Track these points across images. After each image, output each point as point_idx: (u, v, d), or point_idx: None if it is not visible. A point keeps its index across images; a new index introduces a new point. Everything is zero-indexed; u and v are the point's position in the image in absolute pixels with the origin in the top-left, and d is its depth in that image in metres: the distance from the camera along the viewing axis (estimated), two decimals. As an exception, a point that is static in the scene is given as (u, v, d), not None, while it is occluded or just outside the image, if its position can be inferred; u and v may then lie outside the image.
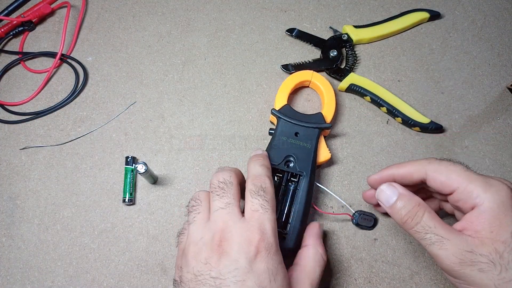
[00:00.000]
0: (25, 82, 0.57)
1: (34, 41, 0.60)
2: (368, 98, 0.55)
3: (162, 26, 0.61)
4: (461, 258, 0.34)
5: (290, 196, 0.46)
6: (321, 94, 0.53)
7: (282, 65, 0.57)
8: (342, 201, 0.48)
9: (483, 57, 0.59)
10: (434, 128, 0.53)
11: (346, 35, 0.58)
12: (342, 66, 0.57)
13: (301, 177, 0.46)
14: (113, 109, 0.55)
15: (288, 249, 0.43)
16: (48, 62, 0.58)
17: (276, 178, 0.47)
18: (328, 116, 0.51)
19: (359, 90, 0.55)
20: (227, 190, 0.38)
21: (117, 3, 0.62)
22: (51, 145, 0.53)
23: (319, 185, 0.48)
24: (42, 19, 0.62)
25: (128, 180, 0.50)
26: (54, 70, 0.58)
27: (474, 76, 0.57)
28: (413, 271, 0.47)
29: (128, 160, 0.50)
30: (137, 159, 0.52)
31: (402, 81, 0.57)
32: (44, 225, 0.49)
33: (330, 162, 0.52)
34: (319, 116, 0.49)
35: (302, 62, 0.57)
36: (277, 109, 0.50)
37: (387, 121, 0.55)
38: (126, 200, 0.49)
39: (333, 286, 0.46)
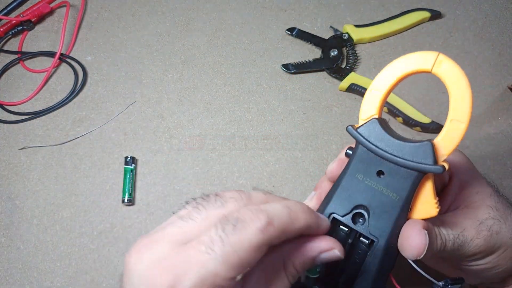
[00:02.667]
0: (24, 81, 0.57)
1: (33, 40, 0.60)
2: (368, 98, 0.54)
3: (162, 25, 0.60)
4: (482, 236, 0.31)
5: (355, 262, 0.30)
6: (450, 95, 0.29)
7: (282, 65, 0.56)
8: (427, 275, 0.30)
9: (484, 57, 0.58)
10: (435, 128, 0.53)
11: (346, 35, 0.58)
12: (343, 66, 0.57)
13: (373, 243, 0.29)
14: (112, 109, 0.55)
15: None
16: (47, 62, 0.58)
17: (342, 230, 0.30)
18: (448, 145, 0.28)
19: (360, 89, 0.54)
20: (210, 205, 0.25)
21: (116, 2, 0.62)
22: (50, 145, 0.53)
23: (413, 264, 0.29)
24: (41, 19, 0.61)
25: (128, 180, 0.50)
26: (53, 69, 0.58)
27: (475, 76, 0.57)
28: (413, 271, 0.47)
29: (128, 160, 0.50)
30: (136, 159, 0.51)
31: (402, 80, 0.56)
32: (43, 226, 0.49)
33: (326, 162, 0.52)
34: (426, 148, 0.28)
35: (303, 62, 0.57)
36: (359, 123, 0.31)
37: (388, 121, 0.54)
38: (126, 200, 0.49)
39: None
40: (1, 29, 0.59)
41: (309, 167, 0.51)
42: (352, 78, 0.55)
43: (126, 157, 0.50)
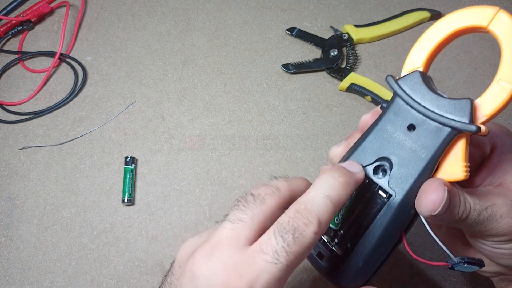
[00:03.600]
0: (24, 81, 0.57)
1: (33, 40, 0.60)
2: (369, 97, 0.54)
3: (162, 25, 0.60)
4: None
5: (369, 216, 0.29)
6: (501, 53, 0.28)
7: (282, 65, 0.56)
8: (444, 247, 0.28)
9: (484, 57, 0.58)
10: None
11: (346, 35, 0.58)
12: (343, 66, 0.57)
13: (390, 198, 0.28)
14: (112, 109, 0.55)
15: (335, 282, 0.30)
16: (47, 62, 0.58)
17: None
18: (489, 107, 0.26)
19: (360, 89, 0.54)
20: (252, 205, 0.27)
21: (116, 2, 0.62)
22: (50, 145, 0.53)
23: (427, 227, 0.28)
24: (41, 19, 0.61)
25: (128, 180, 0.50)
26: (53, 69, 0.58)
27: (475, 76, 0.57)
28: (414, 271, 0.47)
29: (128, 160, 0.50)
30: (136, 159, 0.51)
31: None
32: (43, 226, 0.49)
33: (327, 162, 0.52)
34: (465, 105, 0.26)
35: (303, 62, 0.57)
36: (402, 74, 0.29)
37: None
38: (126, 200, 0.49)
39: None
40: (1, 29, 0.59)
41: (309, 167, 0.51)
42: (352, 78, 0.55)
43: (126, 157, 0.50)
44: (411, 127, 0.28)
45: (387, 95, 0.54)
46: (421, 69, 0.29)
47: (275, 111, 0.55)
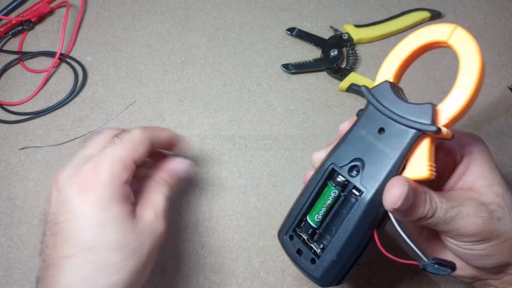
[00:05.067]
0: (24, 81, 0.57)
1: (33, 40, 0.60)
2: (368, 98, 0.54)
3: (162, 25, 0.60)
4: (481, 216, 0.30)
5: (344, 214, 0.32)
6: (459, 64, 0.31)
7: (282, 65, 0.56)
8: (413, 245, 0.30)
9: (484, 57, 0.58)
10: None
11: (346, 35, 0.58)
12: (343, 66, 0.57)
13: (361, 194, 0.30)
14: (112, 109, 0.55)
15: (311, 276, 0.32)
16: (47, 62, 0.58)
17: (338, 178, 0.32)
18: (449, 111, 0.30)
19: (360, 89, 0.54)
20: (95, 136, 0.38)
21: (116, 2, 0.62)
22: (50, 145, 0.53)
23: (394, 223, 0.30)
24: (41, 19, 0.61)
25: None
26: (53, 69, 0.58)
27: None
28: (414, 271, 0.47)
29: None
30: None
31: (402, 81, 0.56)
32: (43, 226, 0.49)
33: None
34: (426, 108, 0.29)
35: (303, 62, 0.57)
36: (374, 85, 0.33)
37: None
38: None
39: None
40: (1, 29, 0.59)
41: (309, 167, 0.51)
42: (352, 78, 0.55)
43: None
44: (381, 130, 0.31)
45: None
46: (390, 80, 0.33)
47: (275, 111, 0.55)
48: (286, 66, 0.56)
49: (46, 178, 0.51)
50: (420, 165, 0.29)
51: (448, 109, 0.30)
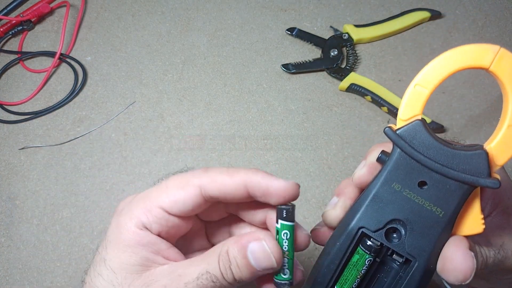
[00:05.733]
0: (24, 81, 0.57)
1: (33, 40, 0.60)
2: (369, 97, 0.54)
3: (162, 25, 0.60)
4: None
5: (383, 282, 0.27)
6: (506, 96, 0.28)
7: (282, 65, 0.56)
8: None
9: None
10: (435, 128, 0.53)
11: (346, 35, 0.58)
12: (343, 66, 0.57)
13: (409, 263, 0.26)
14: (112, 109, 0.55)
15: None
16: (47, 62, 0.58)
17: (369, 242, 0.26)
18: (503, 155, 0.26)
19: (360, 89, 0.54)
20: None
21: (116, 2, 0.62)
22: (50, 145, 0.53)
23: (445, 283, 0.27)
24: (41, 19, 0.61)
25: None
26: (53, 69, 0.58)
27: (475, 75, 0.57)
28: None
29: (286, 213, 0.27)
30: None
31: (403, 80, 0.56)
32: (43, 226, 0.49)
33: (326, 162, 0.52)
34: (480, 158, 0.25)
35: (303, 62, 0.57)
36: (399, 125, 0.26)
37: (388, 121, 0.54)
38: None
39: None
40: (1, 29, 0.59)
41: (309, 167, 0.51)
42: (352, 78, 0.55)
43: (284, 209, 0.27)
44: (422, 184, 0.25)
45: (387, 95, 0.54)
46: (420, 117, 0.26)
47: (275, 111, 0.55)
48: (286, 66, 0.56)
49: (46, 178, 0.51)
50: (473, 221, 0.25)
51: (501, 153, 0.25)
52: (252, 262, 0.25)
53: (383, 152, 0.26)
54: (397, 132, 0.25)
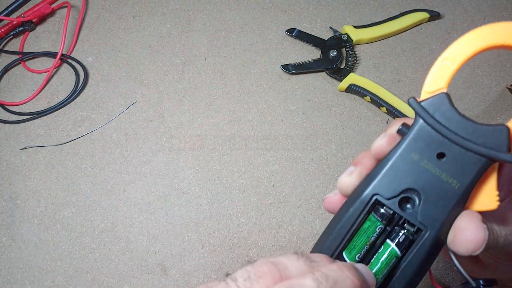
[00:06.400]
0: (25, 82, 0.57)
1: (34, 41, 0.60)
2: (368, 98, 0.55)
3: (162, 26, 0.61)
4: None
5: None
6: None
7: (282, 65, 0.57)
8: (465, 273, 0.27)
9: (483, 57, 0.59)
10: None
11: (346, 35, 0.58)
12: (342, 66, 0.57)
13: (420, 233, 0.26)
14: (113, 109, 0.55)
15: None
16: (49, 62, 0.58)
17: (382, 210, 0.26)
18: None
19: (359, 90, 0.55)
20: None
21: (117, 3, 0.62)
22: (51, 145, 0.53)
23: (454, 260, 0.27)
24: (43, 19, 0.62)
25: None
26: (54, 70, 0.58)
27: (473, 76, 0.58)
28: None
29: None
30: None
31: (402, 81, 0.57)
32: (44, 225, 0.49)
33: (326, 162, 0.52)
34: (501, 133, 0.25)
35: (302, 62, 0.57)
36: (423, 97, 0.27)
37: (387, 121, 0.55)
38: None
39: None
40: (2, 30, 0.59)
41: (309, 167, 0.52)
42: (351, 78, 0.56)
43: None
44: (441, 155, 0.25)
45: (386, 95, 0.54)
46: (445, 90, 0.26)
47: (275, 111, 0.55)
48: (285, 67, 0.57)
49: (47, 178, 0.51)
50: (488, 196, 0.26)
51: None
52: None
53: (404, 124, 0.27)
54: (421, 103, 0.26)
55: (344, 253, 0.27)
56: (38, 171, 0.52)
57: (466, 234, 0.24)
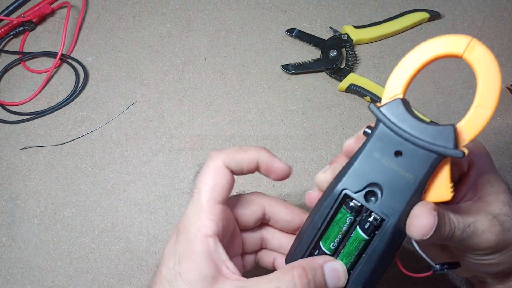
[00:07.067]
0: (25, 82, 0.57)
1: (34, 41, 0.60)
2: (368, 98, 0.55)
3: (162, 26, 0.61)
4: (494, 231, 0.30)
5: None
6: (477, 81, 0.32)
7: (282, 65, 0.57)
8: (427, 258, 0.31)
9: (483, 57, 0.59)
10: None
11: (346, 35, 0.58)
12: (342, 66, 0.57)
13: (383, 223, 0.29)
14: (113, 109, 0.55)
15: None
16: (49, 62, 0.58)
17: (351, 203, 0.30)
18: (470, 132, 0.29)
19: (359, 90, 0.55)
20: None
21: (117, 3, 0.62)
22: (51, 145, 0.53)
23: (416, 246, 0.30)
24: (42, 19, 0.62)
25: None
26: (54, 70, 0.58)
27: (474, 76, 0.57)
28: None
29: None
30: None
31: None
32: (44, 225, 0.49)
33: (326, 162, 0.52)
34: (448, 131, 0.28)
35: (302, 62, 0.57)
36: (383, 103, 0.30)
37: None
38: None
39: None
40: (2, 30, 0.59)
41: (309, 167, 0.52)
42: (351, 78, 0.56)
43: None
44: (398, 153, 0.29)
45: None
46: (400, 96, 0.30)
47: (275, 111, 0.55)
48: (285, 67, 0.57)
49: (47, 178, 0.51)
50: (442, 188, 0.29)
51: (469, 130, 0.29)
52: (328, 282, 0.29)
53: (368, 126, 0.30)
54: (380, 108, 0.30)
55: (320, 243, 0.31)
56: (38, 171, 0.52)
57: (418, 219, 0.27)
